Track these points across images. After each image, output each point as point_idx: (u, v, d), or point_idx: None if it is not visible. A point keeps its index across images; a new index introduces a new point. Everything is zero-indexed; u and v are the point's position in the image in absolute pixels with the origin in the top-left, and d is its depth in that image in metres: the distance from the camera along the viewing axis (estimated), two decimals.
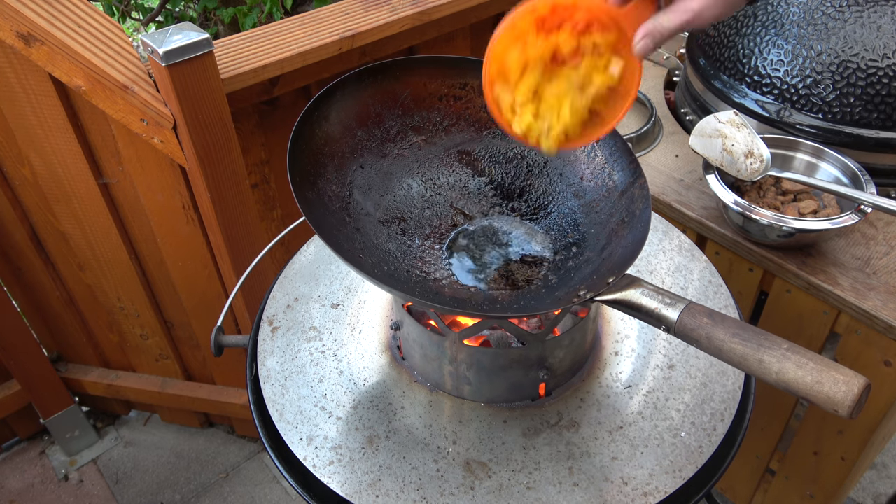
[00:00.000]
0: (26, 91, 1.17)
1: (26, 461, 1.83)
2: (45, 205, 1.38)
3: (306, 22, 1.25)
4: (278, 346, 0.92)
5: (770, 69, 1.19)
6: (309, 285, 1.01)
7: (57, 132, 1.22)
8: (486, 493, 0.75)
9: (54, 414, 1.75)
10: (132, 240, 1.43)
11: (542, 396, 0.85)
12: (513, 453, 0.79)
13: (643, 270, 1.01)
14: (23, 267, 1.52)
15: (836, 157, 1.11)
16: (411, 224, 0.86)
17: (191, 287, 1.48)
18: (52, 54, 1.05)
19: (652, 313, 0.66)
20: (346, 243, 0.77)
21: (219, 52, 1.15)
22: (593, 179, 0.88)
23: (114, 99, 1.08)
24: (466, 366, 0.81)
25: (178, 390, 1.74)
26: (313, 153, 0.81)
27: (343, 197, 0.83)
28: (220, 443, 1.87)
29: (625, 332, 0.93)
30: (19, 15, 1.02)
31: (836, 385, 0.56)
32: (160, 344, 1.66)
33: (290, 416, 0.83)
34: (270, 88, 1.22)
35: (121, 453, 1.85)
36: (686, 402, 0.84)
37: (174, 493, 1.75)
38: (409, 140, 0.91)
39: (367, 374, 0.89)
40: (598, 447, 0.79)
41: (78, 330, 1.68)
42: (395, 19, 1.27)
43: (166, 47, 0.98)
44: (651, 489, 0.75)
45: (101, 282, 1.53)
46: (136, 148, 1.22)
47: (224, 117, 1.12)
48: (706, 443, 0.79)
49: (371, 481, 0.76)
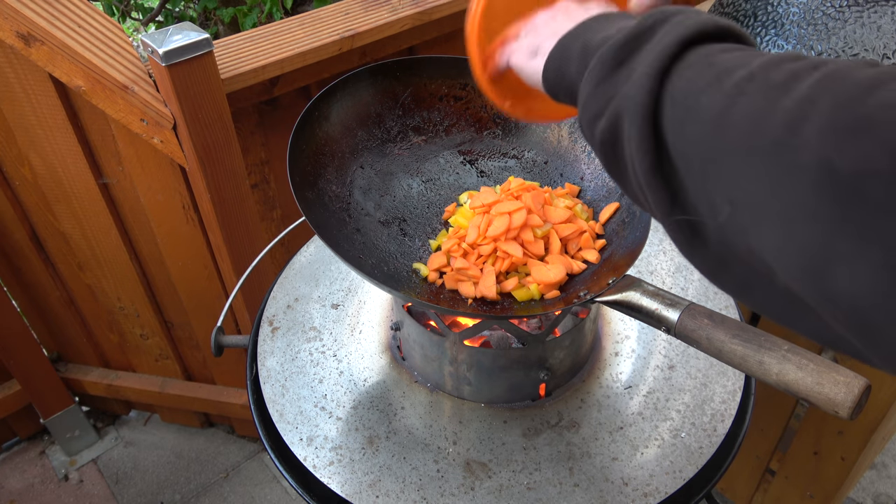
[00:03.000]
0: (26, 91, 1.17)
1: (26, 461, 1.83)
2: (45, 205, 1.38)
3: (306, 22, 1.24)
4: (278, 346, 0.92)
5: None
6: (309, 285, 1.01)
7: (57, 132, 1.22)
8: (486, 494, 0.75)
9: (54, 414, 1.75)
10: (132, 240, 1.43)
11: (543, 397, 0.85)
12: (513, 454, 0.79)
13: (643, 271, 1.01)
14: (23, 267, 1.52)
15: None
16: (412, 224, 0.86)
17: (191, 287, 1.48)
18: (52, 54, 1.05)
19: (652, 314, 0.66)
20: (346, 244, 0.77)
21: (219, 52, 1.14)
22: (593, 180, 0.88)
23: (114, 99, 1.08)
24: (467, 366, 0.81)
25: (178, 390, 1.74)
26: (313, 153, 0.81)
27: (343, 197, 0.83)
28: (220, 443, 1.87)
29: (625, 332, 0.93)
30: (19, 15, 1.02)
31: (837, 386, 0.56)
32: (160, 344, 1.66)
33: (291, 416, 0.83)
34: (270, 88, 1.22)
35: (121, 453, 1.85)
36: (686, 402, 0.84)
37: (174, 493, 1.75)
38: (410, 140, 0.91)
39: (367, 374, 0.89)
40: (599, 448, 0.79)
41: (78, 330, 1.68)
42: (395, 19, 1.27)
43: (166, 47, 0.98)
44: (651, 490, 0.75)
45: (101, 282, 1.53)
46: (136, 148, 1.22)
47: (224, 117, 1.12)
48: (706, 443, 0.79)
49: (371, 482, 0.76)
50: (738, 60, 0.36)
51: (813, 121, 0.30)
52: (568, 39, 0.49)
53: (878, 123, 0.27)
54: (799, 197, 0.30)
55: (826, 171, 0.29)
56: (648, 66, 0.38)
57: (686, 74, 0.37)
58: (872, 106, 0.28)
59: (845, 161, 0.28)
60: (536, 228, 0.78)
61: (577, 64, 0.47)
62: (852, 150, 0.28)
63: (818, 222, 0.29)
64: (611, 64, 0.42)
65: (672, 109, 0.37)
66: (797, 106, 0.31)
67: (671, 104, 0.38)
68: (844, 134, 0.28)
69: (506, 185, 0.85)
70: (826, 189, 0.29)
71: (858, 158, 0.28)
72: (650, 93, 0.38)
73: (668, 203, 0.39)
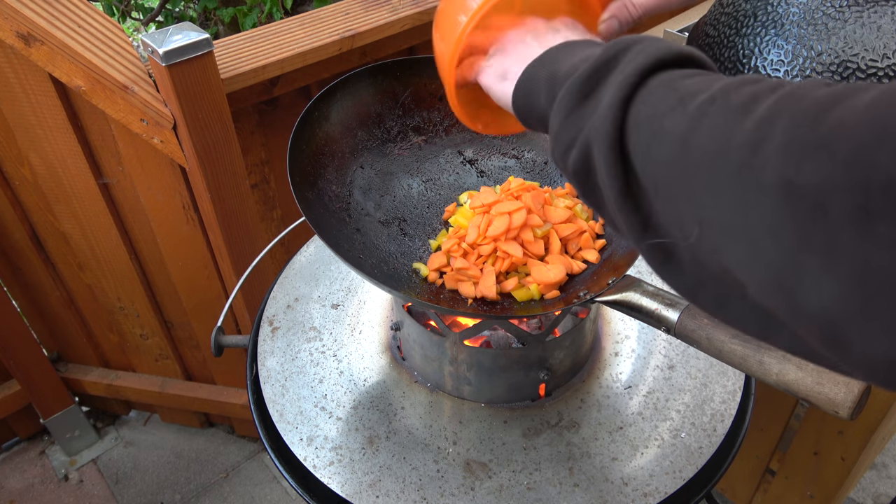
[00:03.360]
0: (26, 91, 1.17)
1: (26, 461, 1.83)
2: (45, 205, 1.38)
3: (306, 22, 1.24)
4: (278, 346, 0.92)
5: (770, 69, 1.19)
6: (309, 285, 1.01)
7: (57, 132, 1.22)
8: (486, 494, 0.75)
9: (54, 414, 1.75)
10: (132, 240, 1.43)
11: (543, 397, 0.85)
12: (513, 454, 0.79)
13: (643, 271, 1.01)
14: (23, 267, 1.52)
15: None
16: (411, 224, 0.86)
17: (191, 287, 1.48)
18: (52, 54, 1.05)
19: (652, 314, 0.66)
20: (346, 244, 0.77)
21: (219, 52, 1.14)
22: None
23: (114, 99, 1.08)
24: (467, 366, 0.81)
25: (178, 390, 1.74)
26: (313, 153, 0.81)
27: (343, 197, 0.83)
28: (220, 443, 1.87)
29: (625, 332, 0.93)
30: (19, 15, 1.02)
31: (837, 386, 0.56)
32: (160, 344, 1.66)
33: (291, 416, 0.83)
34: (270, 88, 1.22)
35: (121, 453, 1.85)
36: (686, 402, 0.84)
37: (174, 493, 1.75)
38: (410, 140, 0.91)
39: (367, 374, 0.89)
40: (599, 448, 0.79)
41: (78, 330, 1.68)
42: (396, 19, 1.27)
43: (166, 47, 0.98)
44: (651, 490, 0.75)
45: (101, 282, 1.53)
46: (136, 148, 1.22)
47: (224, 117, 1.12)
48: (706, 443, 0.79)
49: (371, 482, 0.76)
50: (699, 85, 0.37)
51: (772, 140, 0.30)
52: (535, 68, 0.50)
53: (835, 140, 0.28)
54: (763, 216, 0.31)
55: (787, 188, 0.29)
56: (612, 96, 0.40)
57: (649, 100, 0.39)
58: (829, 124, 0.28)
59: (805, 178, 0.28)
60: (536, 228, 0.78)
61: (545, 94, 0.48)
62: (811, 166, 0.28)
63: (783, 239, 0.30)
64: (577, 97, 0.43)
65: (637, 134, 0.39)
66: (757, 126, 0.31)
67: (636, 129, 0.39)
68: (803, 152, 0.29)
69: (506, 185, 0.85)
70: (789, 207, 0.29)
71: (818, 174, 0.28)
72: (614, 122, 0.39)
73: (640, 227, 0.40)
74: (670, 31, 1.27)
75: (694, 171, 0.35)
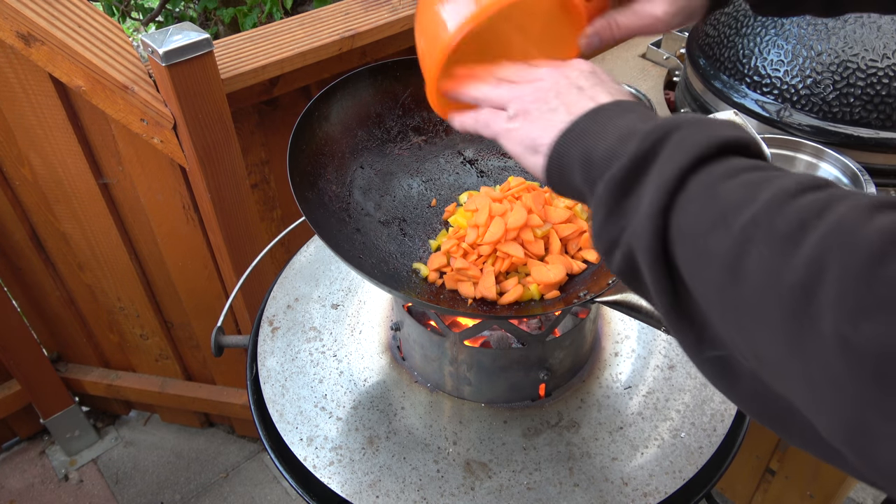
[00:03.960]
0: (26, 91, 1.17)
1: (26, 461, 1.83)
2: (45, 205, 1.38)
3: (306, 22, 1.24)
4: (278, 346, 0.92)
5: (770, 69, 1.19)
6: (309, 285, 1.01)
7: (57, 132, 1.22)
8: (486, 494, 0.75)
9: (54, 414, 1.75)
10: (132, 240, 1.43)
11: (543, 397, 0.85)
12: (513, 454, 0.79)
13: None
14: (23, 267, 1.52)
15: (836, 157, 1.11)
16: (411, 224, 0.86)
17: (191, 287, 1.48)
18: (52, 54, 1.05)
19: (652, 314, 0.66)
20: (346, 244, 0.77)
21: (219, 52, 1.14)
22: None
23: (114, 99, 1.08)
24: (467, 366, 0.81)
25: (178, 390, 1.74)
26: (313, 153, 0.81)
27: (343, 197, 0.83)
28: (220, 443, 1.87)
29: (625, 332, 0.93)
30: (19, 15, 1.02)
31: None
32: (160, 344, 1.66)
33: (291, 416, 0.83)
34: (270, 88, 1.22)
35: (121, 453, 1.85)
36: (686, 402, 0.84)
37: (174, 493, 1.75)
38: (410, 140, 0.91)
39: (367, 374, 0.89)
40: (599, 448, 0.79)
41: (78, 330, 1.68)
42: (396, 19, 1.27)
43: (166, 47, 0.98)
44: (651, 489, 0.75)
45: (101, 282, 1.53)
46: (136, 148, 1.22)
47: (224, 117, 1.12)
48: (706, 443, 0.79)
49: (371, 482, 0.76)
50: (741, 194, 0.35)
51: (825, 289, 0.28)
52: (566, 144, 0.47)
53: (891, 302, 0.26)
54: (824, 367, 0.29)
55: (845, 346, 0.27)
56: (651, 204, 0.38)
57: (690, 209, 0.36)
58: (884, 281, 0.27)
59: (862, 340, 0.27)
60: (536, 228, 0.78)
61: (580, 175, 0.45)
62: (870, 329, 0.27)
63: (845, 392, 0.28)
64: (616, 195, 0.41)
65: (682, 248, 0.37)
66: (807, 267, 0.29)
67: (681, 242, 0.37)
68: (860, 311, 0.27)
69: (506, 185, 0.85)
70: (849, 366, 0.28)
71: (875, 339, 0.26)
72: (656, 233, 0.37)
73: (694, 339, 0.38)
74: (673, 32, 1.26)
75: (746, 303, 0.32)
